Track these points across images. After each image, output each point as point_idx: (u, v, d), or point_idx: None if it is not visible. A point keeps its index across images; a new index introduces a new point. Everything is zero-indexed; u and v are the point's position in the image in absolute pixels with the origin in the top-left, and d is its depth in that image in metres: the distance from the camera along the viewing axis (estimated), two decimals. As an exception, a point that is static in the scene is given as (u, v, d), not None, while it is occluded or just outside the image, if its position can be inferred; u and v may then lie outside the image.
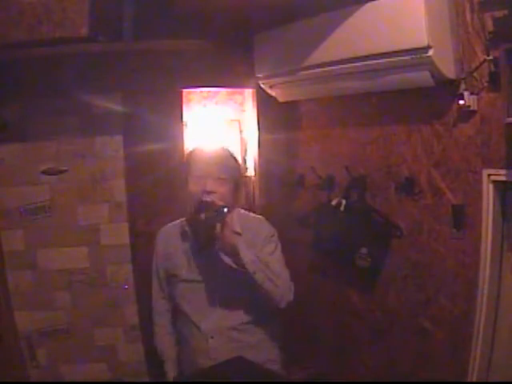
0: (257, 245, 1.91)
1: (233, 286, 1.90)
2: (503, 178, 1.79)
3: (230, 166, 1.93)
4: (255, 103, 2.93)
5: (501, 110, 1.74)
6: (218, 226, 1.79)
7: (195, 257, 1.95)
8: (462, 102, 1.86)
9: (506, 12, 1.69)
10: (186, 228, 1.99)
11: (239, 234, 1.89)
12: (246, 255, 1.80)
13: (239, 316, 1.93)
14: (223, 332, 1.91)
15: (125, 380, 2.68)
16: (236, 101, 3.13)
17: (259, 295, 1.86)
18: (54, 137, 2.57)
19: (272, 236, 1.99)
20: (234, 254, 1.79)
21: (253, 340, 1.95)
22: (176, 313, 2.03)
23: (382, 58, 1.98)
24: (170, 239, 2.03)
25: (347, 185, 2.45)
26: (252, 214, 2.10)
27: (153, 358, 2.16)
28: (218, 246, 1.85)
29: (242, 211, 2.07)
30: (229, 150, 2.01)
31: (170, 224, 2.09)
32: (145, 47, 2.51)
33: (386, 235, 2.28)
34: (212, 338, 1.90)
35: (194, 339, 1.94)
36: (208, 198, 1.81)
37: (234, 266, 1.83)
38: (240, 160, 3.06)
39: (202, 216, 1.81)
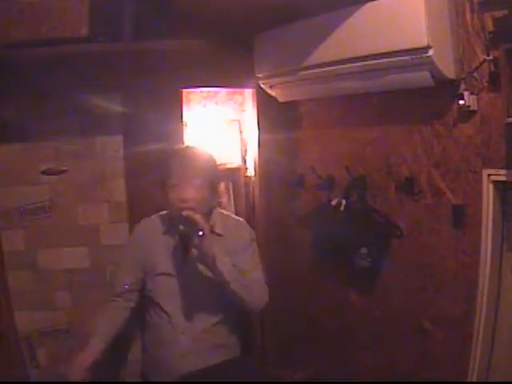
0: (237, 248, 1.94)
1: (208, 286, 1.92)
2: (503, 178, 1.79)
3: (206, 170, 1.94)
4: (255, 103, 2.93)
5: (501, 110, 1.74)
6: (196, 238, 1.81)
7: (176, 252, 1.96)
8: (461, 102, 1.86)
9: (505, 12, 1.69)
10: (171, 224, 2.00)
11: (220, 235, 1.95)
12: (224, 265, 1.82)
13: (211, 316, 1.95)
14: (194, 331, 1.93)
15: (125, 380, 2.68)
16: (236, 101, 3.13)
17: (233, 301, 1.89)
18: (53, 137, 2.57)
19: (252, 240, 2.04)
20: (212, 265, 1.82)
21: (220, 341, 1.98)
22: (149, 306, 2.01)
23: (381, 58, 1.98)
24: (150, 233, 2.05)
25: (347, 185, 2.45)
26: (232, 216, 2.14)
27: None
28: (196, 256, 1.87)
29: (224, 212, 2.10)
30: (205, 152, 2.03)
31: (147, 218, 2.11)
32: (145, 47, 2.50)
33: (386, 235, 2.28)
34: (184, 334, 1.92)
35: (166, 333, 1.94)
36: (185, 213, 1.82)
37: (210, 275, 1.86)
38: (239, 161, 3.09)
39: (181, 227, 1.83)
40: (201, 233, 1.79)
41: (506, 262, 1.89)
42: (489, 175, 1.84)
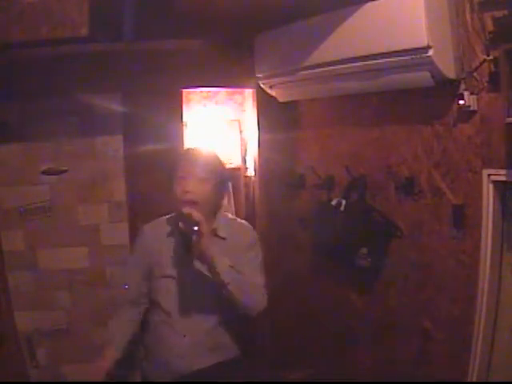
0: (239, 250, 1.93)
1: (209, 287, 1.90)
2: (503, 178, 1.79)
3: (213, 167, 1.94)
4: (255, 103, 2.93)
5: (501, 110, 1.74)
6: (194, 236, 1.80)
7: (181, 255, 1.95)
8: (462, 102, 1.86)
9: (505, 12, 1.68)
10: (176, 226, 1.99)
11: (224, 238, 1.95)
12: (222, 265, 1.82)
13: (213, 317, 1.95)
14: (197, 333, 1.92)
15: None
16: (236, 101, 3.14)
17: (230, 303, 1.87)
18: (53, 137, 2.57)
19: (254, 244, 2.02)
20: (210, 264, 1.82)
21: (222, 341, 1.97)
22: (152, 307, 2.01)
23: (381, 57, 1.98)
24: (157, 235, 2.04)
25: (347, 185, 2.45)
26: (238, 220, 2.13)
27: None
28: (195, 254, 1.86)
29: (229, 216, 2.10)
30: (215, 153, 2.04)
31: (154, 221, 2.10)
32: (145, 47, 2.51)
33: (386, 235, 2.28)
34: (184, 335, 1.91)
35: (169, 336, 1.93)
36: (185, 210, 1.82)
37: (208, 275, 1.85)
38: (239, 161, 3.09)
39: (181, 225, 1.85)
40: (196, 228, 1.77)
41: (506, 262, 1.89)
42: (489, 175, 1.84)
